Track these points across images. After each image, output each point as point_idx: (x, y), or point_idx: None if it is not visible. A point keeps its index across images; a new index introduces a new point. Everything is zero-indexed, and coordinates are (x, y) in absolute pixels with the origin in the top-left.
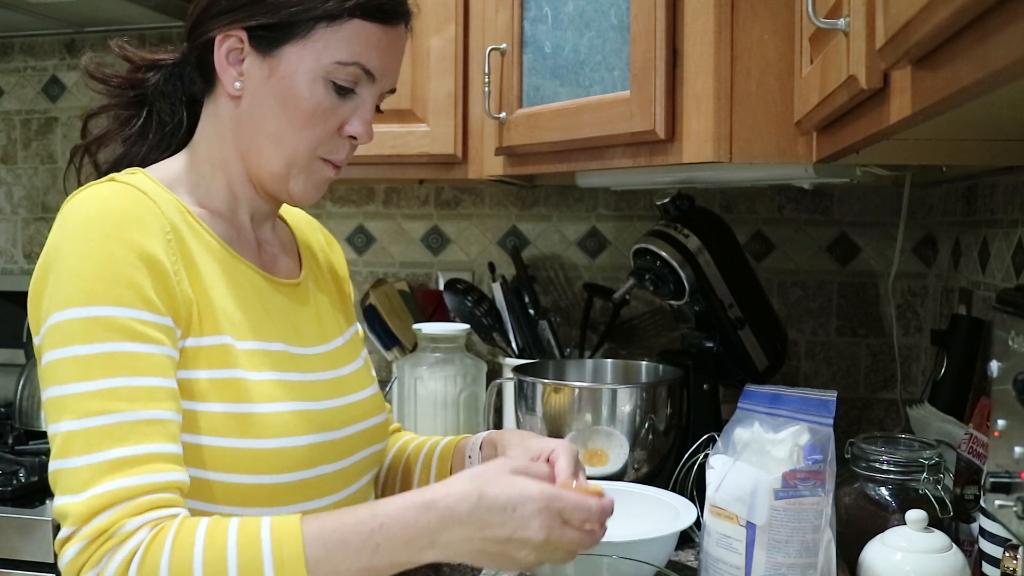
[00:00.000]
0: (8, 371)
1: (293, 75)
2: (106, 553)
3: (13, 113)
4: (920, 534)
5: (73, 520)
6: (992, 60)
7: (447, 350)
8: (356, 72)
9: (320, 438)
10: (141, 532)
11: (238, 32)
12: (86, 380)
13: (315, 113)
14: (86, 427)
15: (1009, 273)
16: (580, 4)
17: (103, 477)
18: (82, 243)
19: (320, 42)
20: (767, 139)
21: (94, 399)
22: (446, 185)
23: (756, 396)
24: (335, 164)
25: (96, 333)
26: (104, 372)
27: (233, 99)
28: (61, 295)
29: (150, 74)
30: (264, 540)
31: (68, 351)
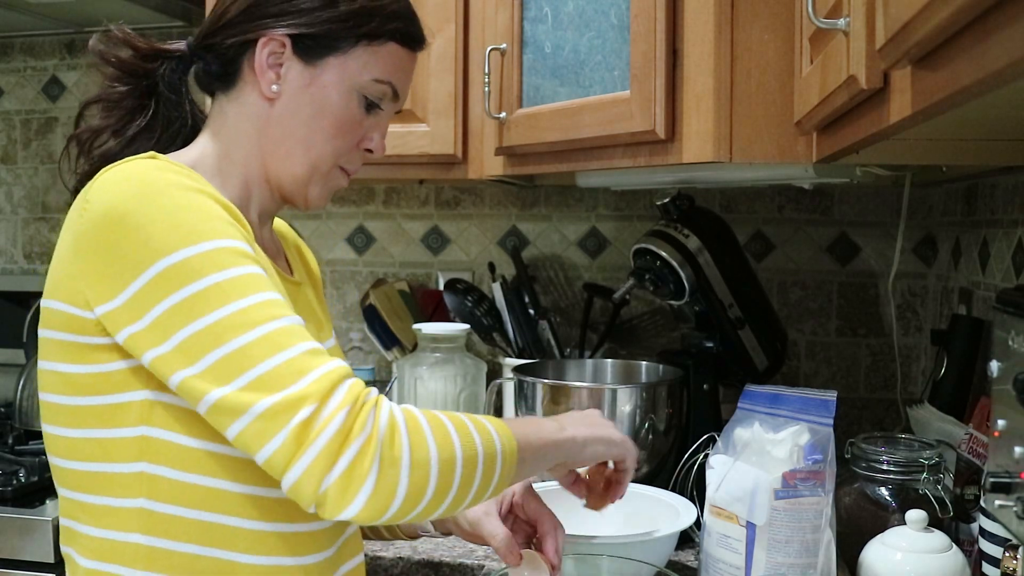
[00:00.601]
0: (8, 371)
1: (332, 86)
2: (368, 415)
3: (13, 113)
4: (920, 534)
5: (314, 399)
6: (992, 60)
7: (447, 350)
8: (386, 90)
9: None
10: (386, 401)
11: (282, 37)
12: (238, 299)
13: (345, 124)
14: (265, 333)
15: (1009, 273)
16: (580, 4)
17: (315, 361)
18: (161, 199)
19: (361, 59)
20: (767, 139)
21: (256, 310)
22: (446, 185)
23: (756, 396)
24: (349, 173)
25: (227, 260)
26: (252, 289)
27: (266, 100)
28: (162, 243)
29: (155, 63)
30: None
31: (204, 282)
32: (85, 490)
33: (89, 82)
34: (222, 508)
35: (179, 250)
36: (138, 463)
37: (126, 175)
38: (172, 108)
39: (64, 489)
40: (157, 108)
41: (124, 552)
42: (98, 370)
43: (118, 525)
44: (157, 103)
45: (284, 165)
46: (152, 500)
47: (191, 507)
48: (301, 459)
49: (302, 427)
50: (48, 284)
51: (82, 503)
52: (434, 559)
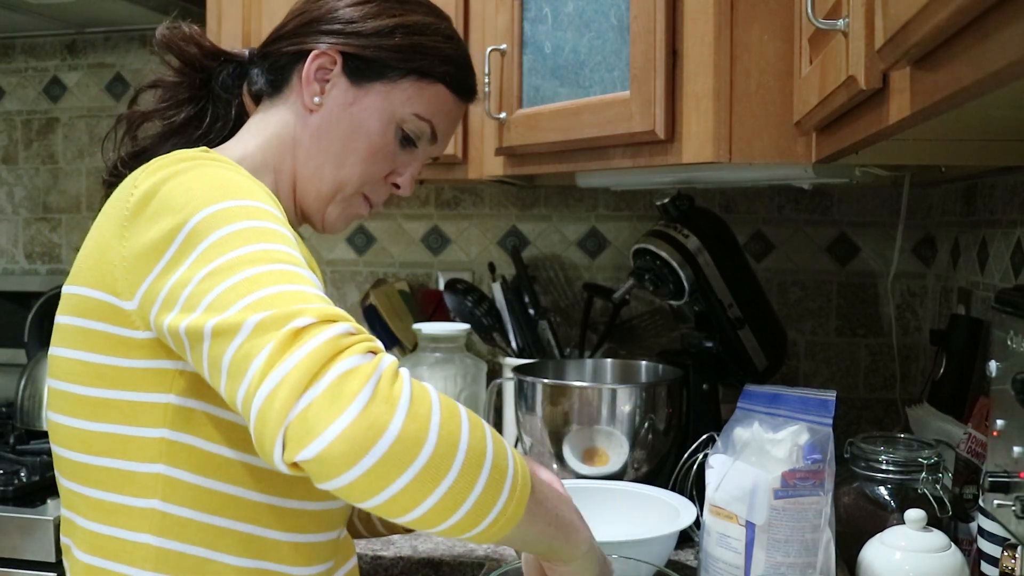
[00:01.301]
0: (9, 371)
1: (374, 110)
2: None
3: (14, 114)
4: (919, 533)
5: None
6: (991, 60)
7: (447, 350)
8: (426, 128)
9: None
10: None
11: (335, 53)
12: (264, 242)
13: (379, 151)
14: (282, 269)
15: (1008, 273)
16: (580, 5)
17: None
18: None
19: (407, 92)
20: (767, 139)
21: (279, 252)
22: (446, 185)
23: (756, 396)
24: (371, 204)
25: (261, 214)
26: (280, 240)
27: (307, 110)
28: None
29: (215, 63)
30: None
31: (235, 226)
32: (94, 485)
33: (90, 83)
34: (240, 515)
35: (221, 202)
36: (156, 464)
37: (171, 159)
38: (221, 106)
39: (69, 481)
40: (207, 104)
41: (132, 552)
42: (127, 364)
43: (128, 524)
44: (208, 99)
45: (312, 179)
46: (167, 502)
47: (208, 512)
48: (289, 357)
49: (297, 331)
50: (80, 269)
51: (88, 497)
52: (434, 559)
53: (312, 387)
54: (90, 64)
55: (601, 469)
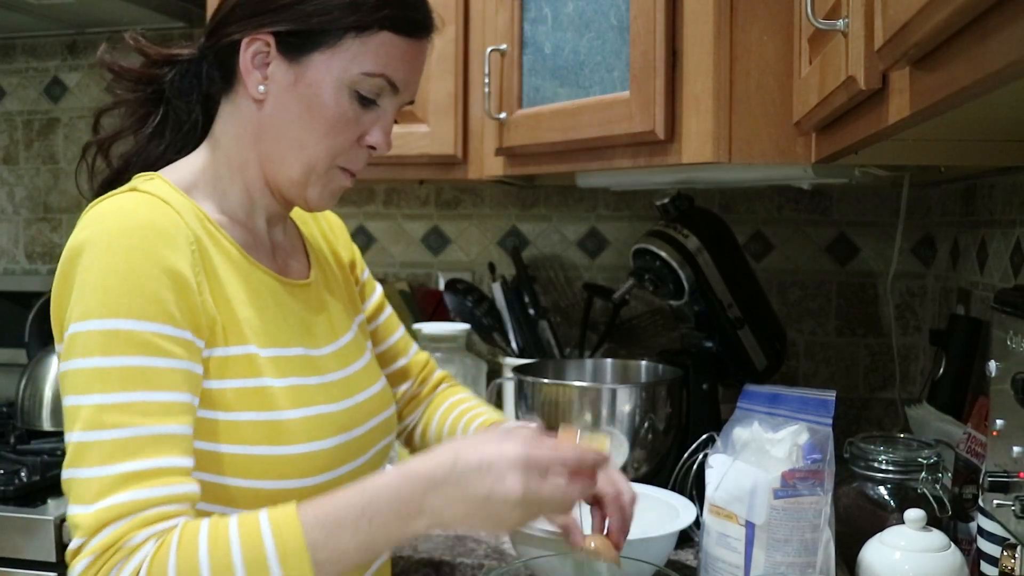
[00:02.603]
0: (9, 371)
1: (319, 83)
2: (114, 566)
3: (15, 114)
4: (919, 533)
5: (83, 532)
6: (990, 61)
7: (447, 350)
8: (381, 84)
9: (343, 439)
10: (148, 545)
11: (266, 36)
12: (103, 392)
13: (338, 122)
14: (99, 439)
15: (1007, 273)
16: (580, 5)
17: (113, 490)
18: (107, 256)
19: (348, 52)
20: (766, 139)
21: (110, 412)
22: (446, 185)
23: (755, 396)
24: (352, 173)
25: (116, 346)
26: (121, 385)
27: (256, 102)
28: (83, 306)
29: (165, 69)
30: (265, 533)
31: (87, 362)
32: None
33: (91, 83)
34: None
35: (88, 319)
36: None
37: (99, 216)
38: (182, 112)
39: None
40: (167, 112)
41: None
42: None
43: None
44: (167, 107)
45: (280, 168)
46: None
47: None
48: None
49: (72, 552)
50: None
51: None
52: (434, 558)
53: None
54: (90, 64)
55: None
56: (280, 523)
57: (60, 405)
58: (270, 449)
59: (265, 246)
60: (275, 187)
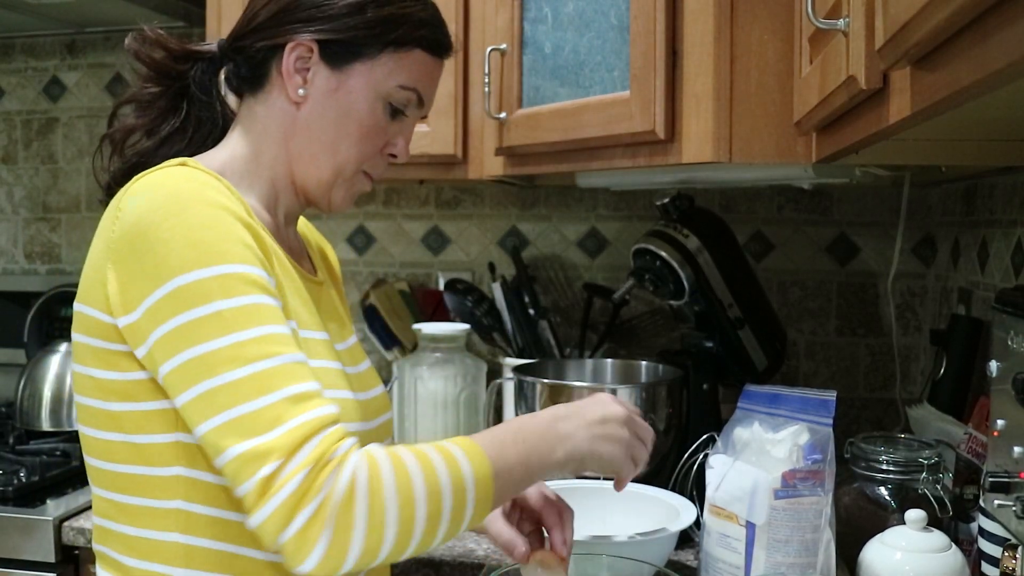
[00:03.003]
0: (9, 371)
1: (358, 91)
2: (327, 477)
3: (14, 113)
4: (919, 534)
5: (278, 455)
6: (991, 61)
7: (447, 350)
8: (412, 96)
9: (363, 427)
10: (353, 455)
11: (309, 43)
12: (237, 331)
13: (371, 130)
14: (253, 372)
15: (1008, 273)
16: (580, 5)
17: (294, 410)
18: (184, 214)
19: (386, 66)
20: (767, 139)
21: (252, 345)
22: (446, 185)
23: (756, 396)
24: (373, 178)
25: (234, 287)
26: (254, 321)
27: (293, 103)
28: (179, 260)
29: (186, 65)
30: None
31: (209, 308)
32: (121, 491)
33: (90, 83)
34: None
35: (193, 271)
36: (175, 467)
37: (156, 184)
38: (203, 109)
39: (100, 489)
40: (189, 109)
41: (164, 551)
42: (127, 377)
43: (156, 525)
44: (189, 104)
45: (310, 168)
46: (189, 502)
47: (229, 509)
48: (263, 509)
49: (265, 481)
50: (81, 287)
51: (119, 503)
52: (434, 559)
53: (286, 530)
54: (90, 64)
55: None
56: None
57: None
58: None
59: (284, 240)
60: (301, 186)
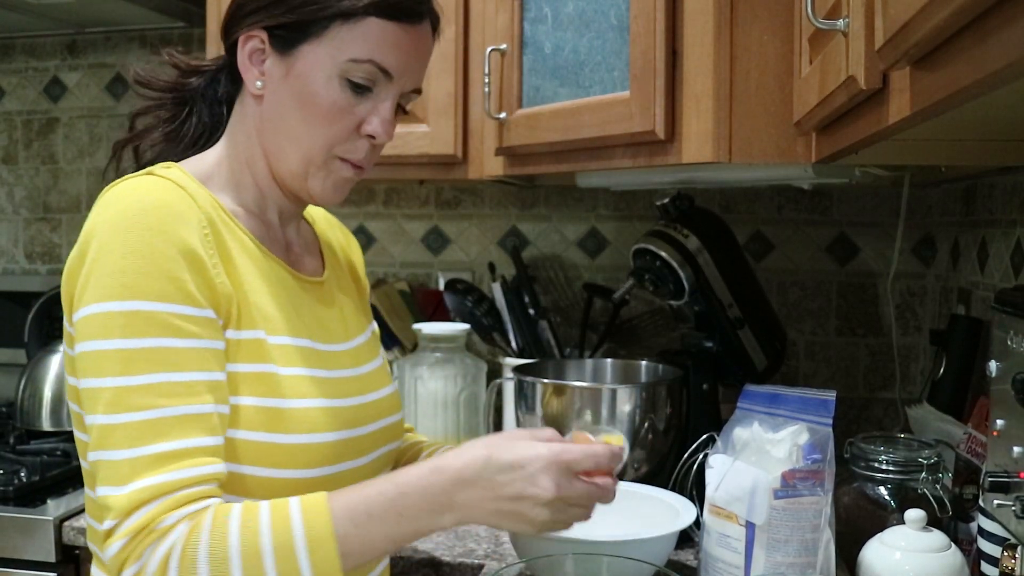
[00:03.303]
0: (9, 371)
1: (308, 73)
2: (147, 547)
3: (14, 114)
4: (919, 533)
5: (115, 514)
6: (991, 61)
7: (447, 350)
8: (372, 70)
9: (346, 435)
10: (180, 526)
11: (259, 32)
12: (127, 375)
13: (331, 111)
14: (127, 421)
15: (1008, 273)
16: (580, 5)
17: (143, 472)
18: (122, 236)
19: (335, 40)
20: (766, 139)
21: (135, 394)
22: (446, 185)
23: (755, 396)
24: (355, 164)
25: (137, 327)
26: (145, 367)
27: (256, 99)
28: (101, 287)
29: (193, 79)
30: (295, 520)
31: (109, 344)
32: None
33: (91, 83)
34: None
35: (105, 301)
36: None
37: (115, 198)
38: (205, 115)
39: (89, 490)
40: (189, 116)
41: None
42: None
43: None
44: (190, 112)
45: (280, 162)
46: None
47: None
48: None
49: (106, 533)
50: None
51: None
52: (434, 558)
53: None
54: (90, 64)
55: None
56: (310, 511)
57: (60, 406)
58: (272, 436)
59: (279, 240)
60: (280, 181)
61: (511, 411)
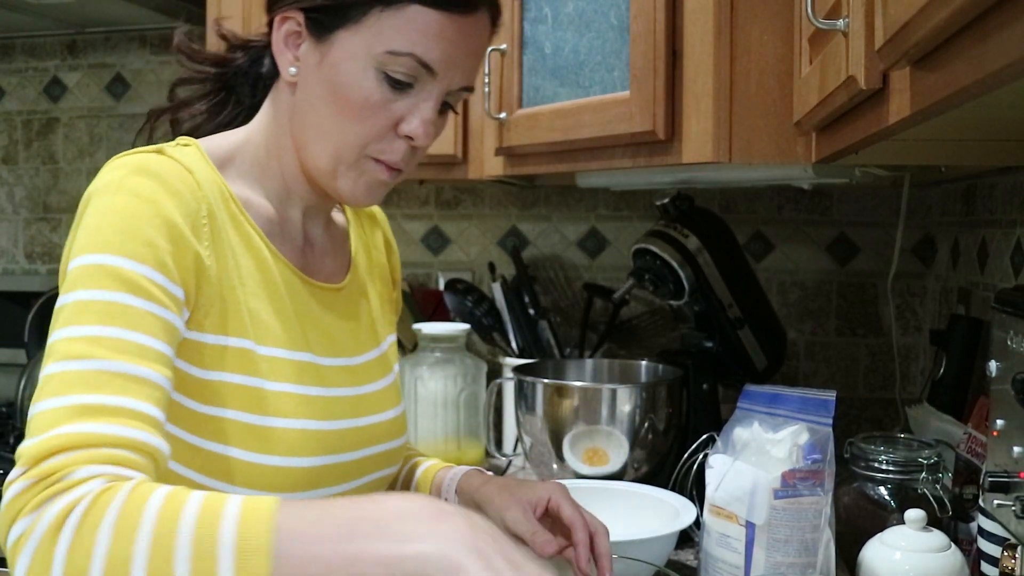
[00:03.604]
0: (8, 371)
1: (342, 63)
2: (48, 499)
3: (14, 114)
4: (919, 533)
5: (24, 460)
6: (991, 60)
7: (447, 350)
8: (412, 65)
9: (328, 460)
10: (91, 483)
11: (295, 14)
12: (77, 325)
13: (364, 106)
14: (63, 370)
15: (1008, 273)
16: (580, 5)
17: (67, 420)
18: (109, 197)
19: (374, 28)
20: (766, 139)
21: (79, 343)
22: (446, 185)
23: (755, 396)
24: (390, 166)
25: (98, 280)
26: (96, 319)
27: (290, 85)
28: (79, 244)
29: (240, 54)
30: (227, 520)
31: (68, 297)
32: None
33: (91, 83)
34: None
35: (80, 255)
36: None
37: (115, 166)
38: (244, 95)
39: None
40: (228, 95)
41: None
42: None
43: None
44: (228, 90)
45: (309, 157)
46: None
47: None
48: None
49: (8, 483)
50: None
51: None
52: None
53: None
54: (90, 64)
55: (601, 469)
56: (249, 515)
57: None
58: (247, 454)
59: (294, 239)
60: (309, 177)
61: (511, 411)
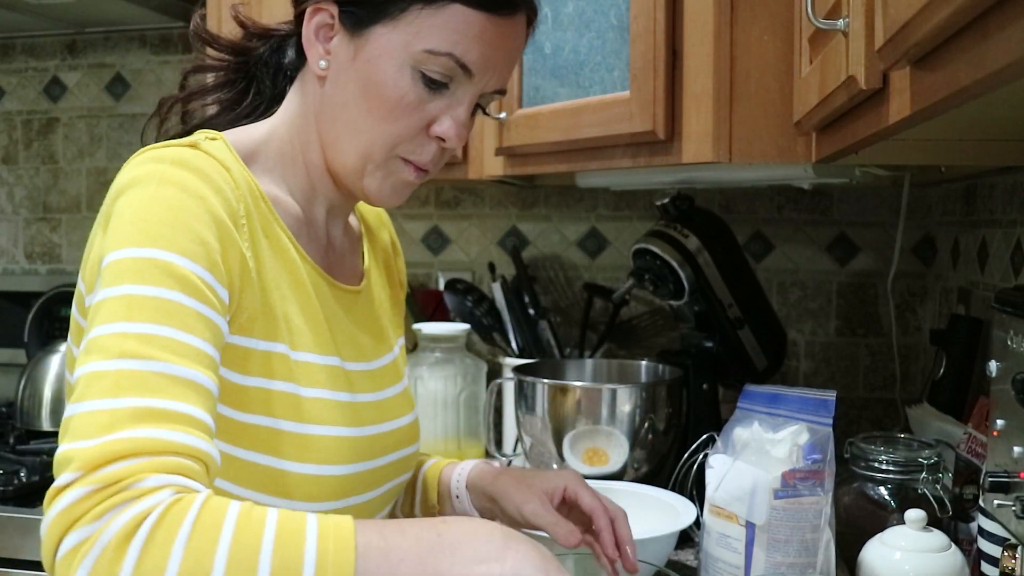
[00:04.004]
0: (9, 371)
1: (378, 59)
2: (113, 507)
3: (14, 114)
4: (919, 533)
5: (78, 464)
6: (991, 61)
7: (447, 350)
8: (449, 65)
9: (360, 467)
10: (161, 493)
11: (329, 6)
12: (128, 321)
13: (398, 105)
14: (117, 368)
15: (1008, 273)
16: (580, 5)
17: (126, 424)
18: (153, 188)
19: (412, 25)
20: (766, 139)
21: (132, 341)
22: (446, 185)
23: (755, 396)
24: (418, 167)
25: (151, 275)
26: (150, 316)
27: (319, 79)
28: (121, 235)
29: (259, 43)
30: (309, 535)
31: (116, 290)
32: None
33: (91, 83)
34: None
35: (124, 248)
36: None
37: (156, 157)
38: (265, 86)
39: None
40: (248, 85)
41: None
42: None
43: None
44: (249, 80)
45: (336, 153)
46: None
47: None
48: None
49: (57, 490)
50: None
51: None
52: None
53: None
54: (90, 64)
55: (601, 469)
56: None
57: (60, 406)
58: (278, 462)
59: (319, 239)
60: (334, 174)
61: (511, 411)
